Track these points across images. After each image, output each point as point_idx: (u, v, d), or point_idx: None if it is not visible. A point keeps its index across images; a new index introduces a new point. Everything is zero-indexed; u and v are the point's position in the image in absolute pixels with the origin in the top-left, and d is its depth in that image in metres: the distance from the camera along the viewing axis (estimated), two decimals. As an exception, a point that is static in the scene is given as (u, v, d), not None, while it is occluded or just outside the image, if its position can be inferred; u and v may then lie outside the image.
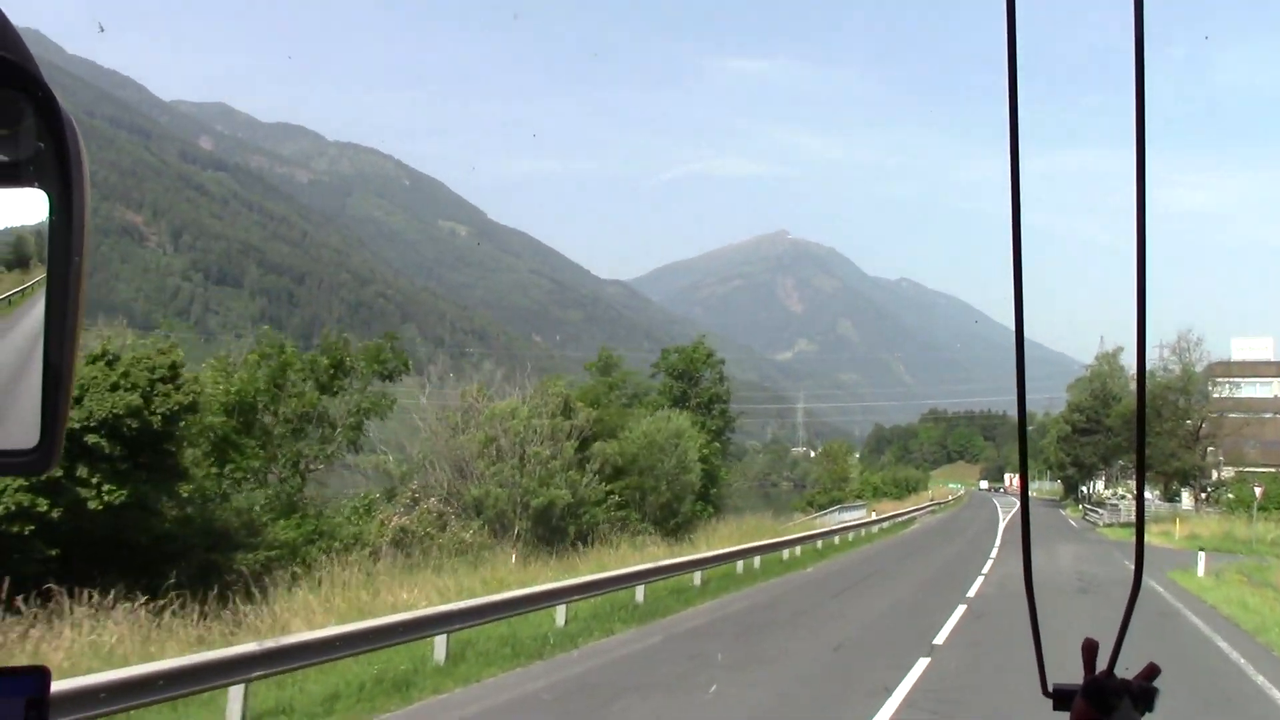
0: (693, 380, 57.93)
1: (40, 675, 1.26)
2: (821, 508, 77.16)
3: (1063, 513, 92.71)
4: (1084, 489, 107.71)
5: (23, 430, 1.27)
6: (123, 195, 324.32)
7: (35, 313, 1.27)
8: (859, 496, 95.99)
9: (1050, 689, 1.75)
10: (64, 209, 1.22)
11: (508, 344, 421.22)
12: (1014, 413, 1.64)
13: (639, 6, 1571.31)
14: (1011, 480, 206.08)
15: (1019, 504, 1.99)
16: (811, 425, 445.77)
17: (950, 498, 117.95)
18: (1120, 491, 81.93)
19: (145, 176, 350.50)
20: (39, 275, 1.28)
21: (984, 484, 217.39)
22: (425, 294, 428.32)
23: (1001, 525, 63.98)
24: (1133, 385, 70.60)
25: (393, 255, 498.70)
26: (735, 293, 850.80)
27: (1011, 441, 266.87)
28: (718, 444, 54.48)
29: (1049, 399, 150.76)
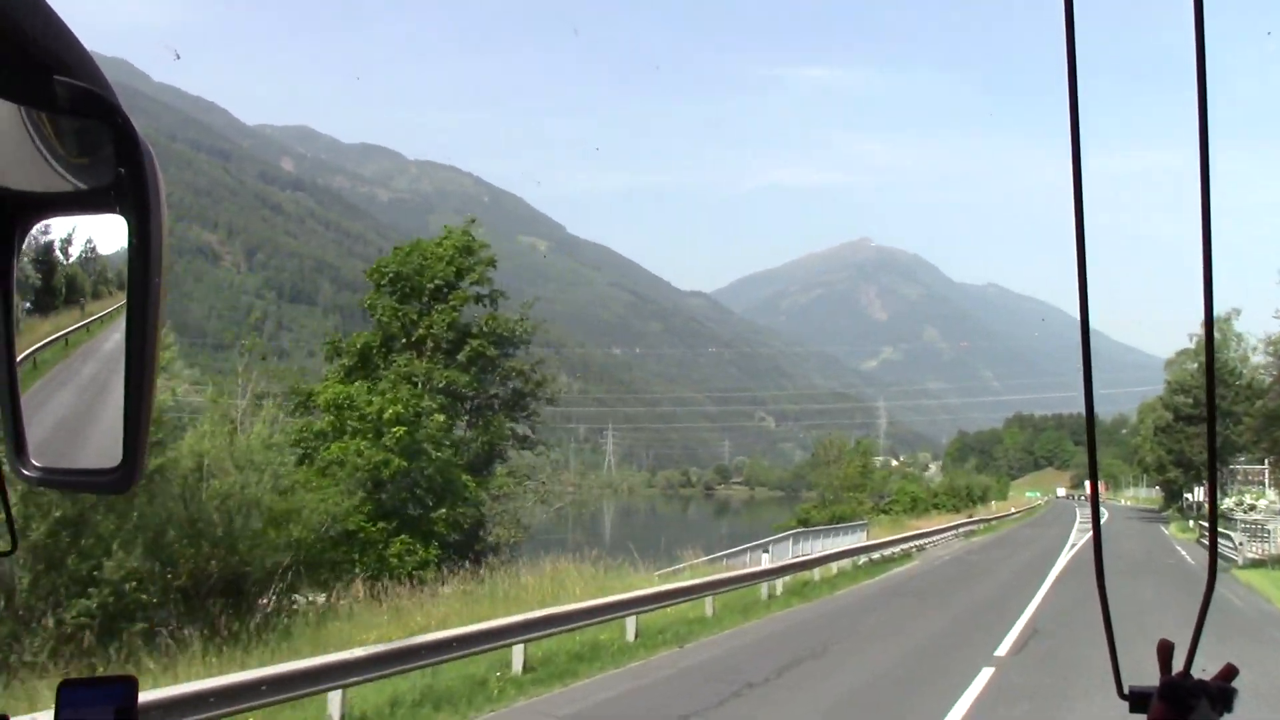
0: (436, 297, 32.31)
1: (128, 685, 1.26)
2: (808, 525, 52.26)
3: (1165, 531, 65.68)
4: (1190, 496, 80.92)
5: (105, 451, 1.27)
6: (198, 215, 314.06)
7: (116, 336, 1.26)
8: (886, 511, 70.40)
9: (1126, 691, 1.66)
10: (142, 234, 1.21)
11: (585, 357, 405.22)
12: (1105, 414, 1.27)
13: (712, 19, 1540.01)
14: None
15: (1096, 513, 1.84)
16: (898, 434, 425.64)
17: (1013, 509, 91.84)
18: (1247, 500, 54.63)
19: (221, 197, 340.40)
20: (119, 300, 1.27)
21: (1061, 491, 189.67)
22: (501, 307, 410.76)
23: (1063, 557, 38.45)
24: (1255, 358, 47.12)
25: None
26: (818, 302, 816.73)
27: (1104, 445, 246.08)
28: (448, 418, 28.27)
29: (1144, 392, 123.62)
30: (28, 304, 1.36)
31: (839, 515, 59.47)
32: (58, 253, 1.34)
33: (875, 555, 34.14)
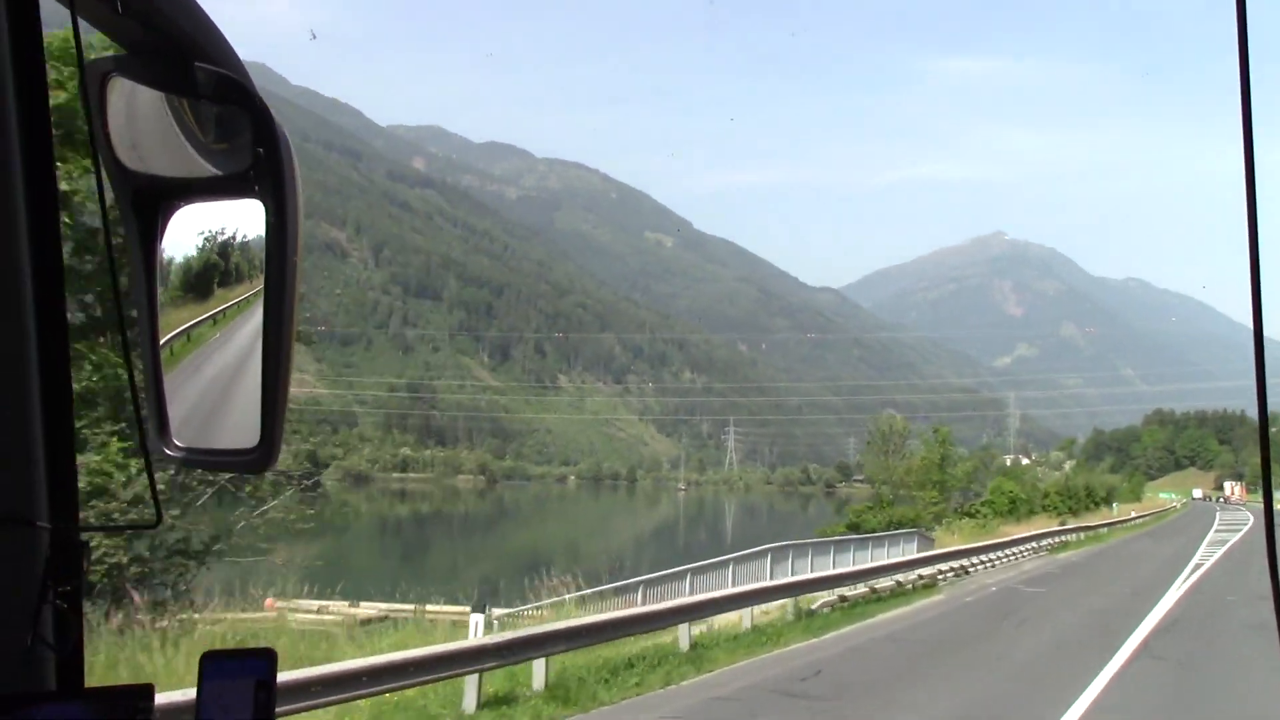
0: None
1: (268, 658, 1.27)
2: (858, 531, 39.72)
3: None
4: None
5: (244, 431, 1.29)
6: (326, 213, 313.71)
7: (253, 318, 1.29)
8: (972, 514, 56.80)
9: None
10: (279, 216, 1.23)
11: (709, 351, 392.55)
12: (1255, 411, 1.37)
13: (844, 10, 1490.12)
14: (1234, 489, 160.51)
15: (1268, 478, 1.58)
16: (1032, 432, 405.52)
17: (1134, 513, 76.79)
18: None
19: (350, 194, 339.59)
20: (256, 283, 1.29)
21: (1198, 493, 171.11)
22: (626, 303, 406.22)
23: (1173, 592, 25.33)
24: None
25: (598, 267, 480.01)
26: (950, 297, 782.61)
27: (1253, 443, 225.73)
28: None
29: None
30: (170, 287, 1.37)
31: (898, 520, 46.43)
32: (197, 237, 1.35)
33: (861, 587, 21.28)
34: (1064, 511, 74.78)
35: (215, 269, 1.37)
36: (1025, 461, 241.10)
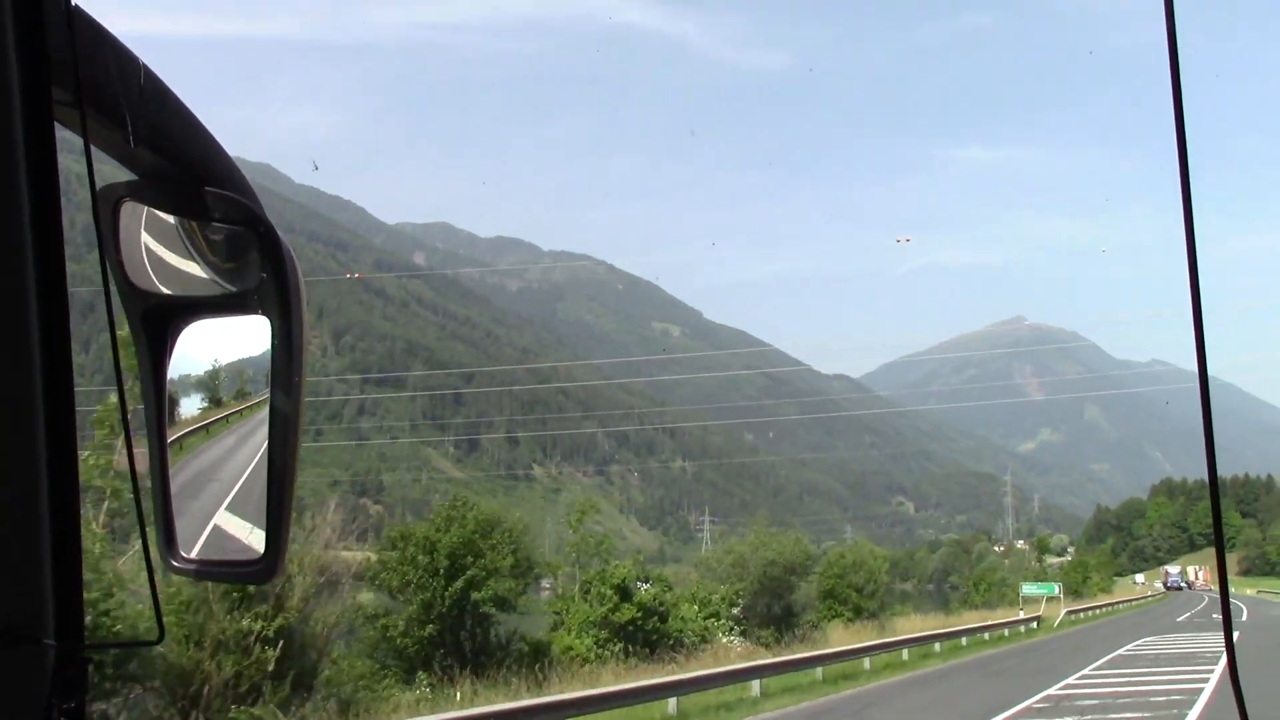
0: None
1: None
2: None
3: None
4: None
5: (250, 542, 1.26)
6: None
7: (259, 431, 1.24)
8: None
9: None
10: (284, 334, 1.20)
11: (703, 438, 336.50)
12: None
13: (862, 105, 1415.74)
14: (1198, 573, 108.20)
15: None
16: (1053, 519, 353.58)
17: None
18: None
19: (319, 280, 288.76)
20: (262, 397, 1.25)
21: (1139, 579, 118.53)
22: (615, 390, 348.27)
23: None
24: None
25: (599, 356, 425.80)
26: (970, 383, 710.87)
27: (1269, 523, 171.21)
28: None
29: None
30: (179, 402, 1.32)
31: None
32: (205, 352, 1.32)
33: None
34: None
35: (222, 383, 1.34)
36: (1022, 546, 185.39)
